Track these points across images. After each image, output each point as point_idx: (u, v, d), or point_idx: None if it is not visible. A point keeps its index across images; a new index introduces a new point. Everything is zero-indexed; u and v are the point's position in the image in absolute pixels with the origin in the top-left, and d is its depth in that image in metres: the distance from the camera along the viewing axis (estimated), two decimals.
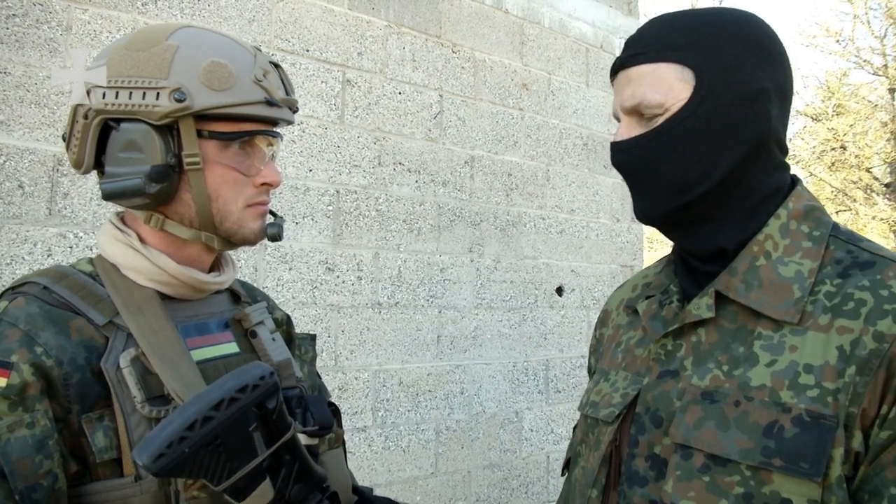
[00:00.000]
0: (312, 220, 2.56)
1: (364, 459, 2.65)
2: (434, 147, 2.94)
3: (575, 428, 0.99)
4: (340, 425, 1.03)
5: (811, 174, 14.43)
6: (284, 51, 2.49)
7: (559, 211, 3.41)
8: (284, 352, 0.98)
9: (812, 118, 14.59)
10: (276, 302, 2.47)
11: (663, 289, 0.92)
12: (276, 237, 0.94)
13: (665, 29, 0.83)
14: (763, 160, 0.83)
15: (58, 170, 2.02)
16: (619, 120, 0.87)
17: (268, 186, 0.93)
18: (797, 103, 14.88)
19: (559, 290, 3.40)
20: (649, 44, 0.83)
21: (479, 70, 3.11)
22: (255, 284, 2.43)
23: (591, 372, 1.06)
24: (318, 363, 2.59)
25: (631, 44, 0.86)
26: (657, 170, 0.83)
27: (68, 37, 2.04)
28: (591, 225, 3.57)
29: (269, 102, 0.88)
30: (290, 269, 2.51)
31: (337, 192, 2.64)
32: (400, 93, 2.83)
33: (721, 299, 0.83)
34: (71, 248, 2.03)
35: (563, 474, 1.01)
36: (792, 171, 0.89)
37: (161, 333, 0.85)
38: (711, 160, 0.81)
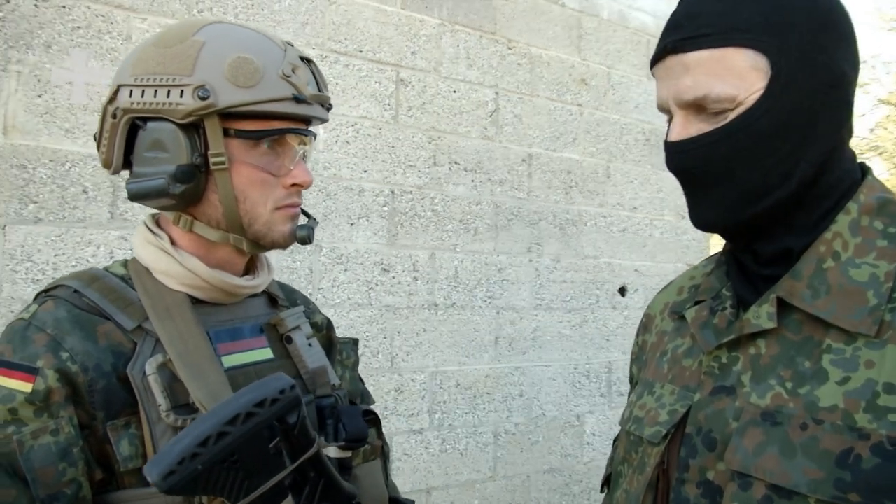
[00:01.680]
0: (367, 220, 2.56)
1: (420, 462, 2.63)
2: (490, 145, 2.89)
3: (615, 441, 0.91)
4: (380, 435, 1.00)
5: None
6: (338, 52, 2.49)
7: (621, 209, 3.31)
8: (321, 358, 0.95)
9: None
10: (333, 303, 2.47)
11: (714, 293, 0.82)
12: (305, 240, 0.90)
13: (727, 4, 0.71)
14: (839, 152, 0.74)
15: (119, 175, 2.07)
16: (664, 112, 0.77)
17: (298, 187, 0.90)
18: (879, 91, 14.12)
19: (622, 291, 3.30)
20: (710, 23, 0.71)
21: (535, 66, 3.05)
22: (310, 286, 2.44)
23: (632, 382, 0.97)
24: (374, 364, 2.58)
25: (682, 23, 0.73)
26: (729, 174, 0.72)
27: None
28: (655, 223, 3.46)
29: (298, 99, 0.85)
30: (346, 270, 2.51)
31: (392, 192, 2.62)
32: (454, 91, 2.79)
33: (784, 307, 0.73)
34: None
35: (602, 490, 0.94)
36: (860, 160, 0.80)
37: (190, 339, 0.83)
38: (793, 160, 0.71)
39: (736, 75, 0.70)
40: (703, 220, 0.77)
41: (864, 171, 0.78)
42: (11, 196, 1.90)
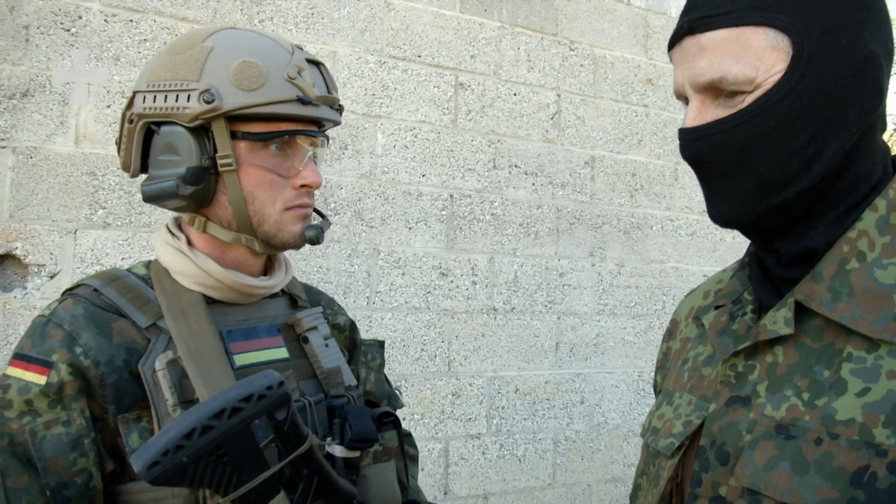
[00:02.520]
0: (426, 224, 2.57)
1: (478, 467, 2.61)
2: (552, 148, 2.85)
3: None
4: (399, 438, 0.99)
5: None
6: (396, 58, 2.52)
7: (689, 212, 3.20)
8: (336, 359, 0.96)
9: None
10: (390, 307, 2.50)
11: (735, 297, 0.78)
12: (313, 241, 0.91)
13: None
14: (868, 142, 0.69)
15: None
16: (681, 99, 0.72)
17: (308, 188, 0.91)
18: None
19: None
20: (727, 1, 0.66)
21: (598, 67, 2.98)
22: (368, 289, 2.47)
23: (657, 391, 0.94)
24: (432, 368, 2.59)
25: (698, 3, 0.69)
26: (747, 162, 0.67)
27: None
28: None
29: (303, 100, 0.86)
30: (404, 273, 2.52)
31: (451, 196, 2.62)
32: (515, 94, 2.77)
33: (802, 311, 0.68)
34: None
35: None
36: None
37: (201, 337, 0.85)
38: (815, 149, 0.66)
39: (754, 56, 0.65)
40: (720, 214, 0.72)
41: None
42: (82, 202, 2.00)
